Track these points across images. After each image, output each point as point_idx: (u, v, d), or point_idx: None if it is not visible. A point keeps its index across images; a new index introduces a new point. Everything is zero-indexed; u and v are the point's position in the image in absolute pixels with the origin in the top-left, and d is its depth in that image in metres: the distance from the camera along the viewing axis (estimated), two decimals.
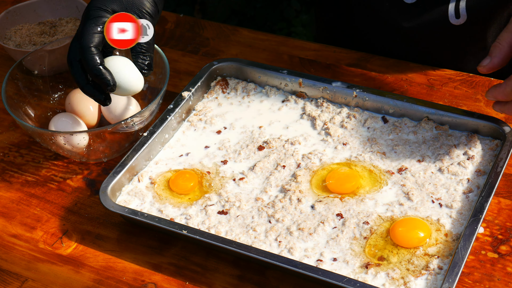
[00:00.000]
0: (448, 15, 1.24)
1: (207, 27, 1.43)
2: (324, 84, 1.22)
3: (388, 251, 1.01)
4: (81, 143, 1.14)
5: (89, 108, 1.21)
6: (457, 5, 1.23)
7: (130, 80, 1.07)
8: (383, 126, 1.18)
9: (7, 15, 1.39)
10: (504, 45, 1.02)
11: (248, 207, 1.08)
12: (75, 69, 1.06)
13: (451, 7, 1.24)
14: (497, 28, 1.26)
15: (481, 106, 1.21)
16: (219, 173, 1.14)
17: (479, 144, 1.13)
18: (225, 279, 1.02)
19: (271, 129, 1.20)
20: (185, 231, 1.03)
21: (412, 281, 0.97)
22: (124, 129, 1.14)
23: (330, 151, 1.15)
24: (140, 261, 1.05)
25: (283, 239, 1.04)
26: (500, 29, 1.26)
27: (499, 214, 1.06)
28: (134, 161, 1.13)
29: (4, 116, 1.29)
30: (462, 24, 1.24)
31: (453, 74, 1.27)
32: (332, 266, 1.00)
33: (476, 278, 0.99)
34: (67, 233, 1.10)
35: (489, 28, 1.26)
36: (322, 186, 1.10)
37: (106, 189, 1.09)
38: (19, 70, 1.22)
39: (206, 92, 1.26)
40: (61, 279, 1.05)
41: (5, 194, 1.16)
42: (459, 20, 1.24)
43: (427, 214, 1.05)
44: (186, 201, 1.10)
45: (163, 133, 1.18)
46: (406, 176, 1.10)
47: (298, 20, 2.52)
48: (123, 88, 1.07)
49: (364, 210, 1.06)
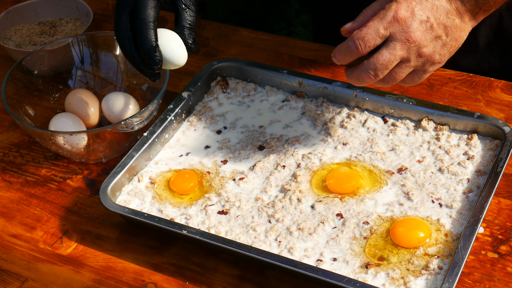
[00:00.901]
0: None
1: (207, 27, 1.43)
2: (324, 84, 1.22)
3: (388, 251, 1.01)
4: (81, 143, 1.14)
5: (89, 108, 1.21)
6: None
7: (177, 54, 1.05)
8: (383, 126, 1.18)
9: (7, 15, 1.39)
10: (369, 14, 1.01)
11: (248, 207, 1.08)
12: (127, 43, 1.02)
13: None
14: (487, 27, 1.26)
15: (481, 106, 1.21)
16: (219, 173, 1.14)
17: (479, 144, 1.13)
18: (225, 279, 1.02)
19: (271, 129, 1.20)
20: (185, 231, 1.03)
21: (412, 281, 0.97)
22: (124, 129, 1.14)
23: (330, 151, 1.15)
24: (140, 261, 1.05)
25: (283, 239, 1.04)
26: (490, 28, 1.26)
27: (499, 214, 1.06)
28: (134, 161, 1.13)
29: (4, 116, 1.29)
30: None
31: (453, 74, 1.27)
32: (332, 266, 1.00)
33: (476, 278, 0.99)
34: (67, 233, 1.10)
35: (479, 26, 1.25)
36: (322, 186, 1.10)
37: (106, 189, 1.09)
38: (19, 70, 1.22)
39: (206, 92, 1.26)
40: (61, 279, 1.05)
41: (5, 194, 1.16)
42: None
43: (427, 214, 1.05)
44: (186, 201, 1.10)
45: (163, 133, 1.18)
46: (406, 176, 1.10)
47: (298, 20, 2.51)
48: (169, 60, 1.05)
49: (364, 210, 1.06)
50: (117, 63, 1.28)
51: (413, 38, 0.98)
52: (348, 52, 1.00)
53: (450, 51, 1.02)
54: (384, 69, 0.99)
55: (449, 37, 1.00)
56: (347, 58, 1.01)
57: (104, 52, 1.28)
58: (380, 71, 0.99)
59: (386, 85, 1.03)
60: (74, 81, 1.28)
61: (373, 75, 1.00)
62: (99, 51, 1.28)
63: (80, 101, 1.21)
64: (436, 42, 0.99)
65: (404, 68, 1.01)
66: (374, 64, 0.99)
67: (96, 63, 1.29)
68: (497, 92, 1.23)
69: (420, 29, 0.98)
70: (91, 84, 1.29)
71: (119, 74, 1.28)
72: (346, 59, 1.01)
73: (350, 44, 0.99)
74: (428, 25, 0.98)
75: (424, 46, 0.99)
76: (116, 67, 1.28)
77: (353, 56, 1.00)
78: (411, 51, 0.99)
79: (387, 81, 1.02)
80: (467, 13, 1.01)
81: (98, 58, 1.28)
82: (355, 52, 0.99)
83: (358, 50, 0.99)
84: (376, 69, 0.99)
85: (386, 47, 0.99)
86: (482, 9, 1.02)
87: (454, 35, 1.01)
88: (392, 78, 1.01)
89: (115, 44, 1.27)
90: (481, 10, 1.01)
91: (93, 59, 1.28)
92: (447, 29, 0.99)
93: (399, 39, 0.98)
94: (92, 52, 1.28)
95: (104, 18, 1.48)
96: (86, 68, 1.28)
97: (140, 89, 1.27)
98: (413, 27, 0.98)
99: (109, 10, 1.50)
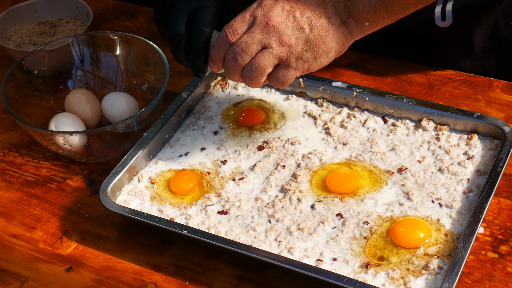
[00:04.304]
0: (434, 17, 1.24)
1: None
2: (324, 84, 1.22)
3: (388, 251, 1.01)
4: (81, 143, 1.14)
5: (89, 108, 1.21)
6: (444, 8, 1.23)
7: None
8: (383, 126, 1.18)
9: (7, 15, 1.39)
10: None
11: (248, 207, 1.08)
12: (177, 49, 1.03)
13: (437, 10, 1.23)
14: (482, 32, 1.26)
15: (481, 106, 1.21)
16: (219, 173, 1.14)
17: (479, 144, 1.13)
18: (225, 279, 1.02)
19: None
20: (185, 231, 1.03)
21: (412, 281, 0.97)
22: (124, 129, 1.14)
23: (330, 151, 1.15)
24: (140, 261, 1.05)
25: (283, 239, 1.04)
26: (486, 33, 1.26)
27: (499, 214, 1.06)
28: (134, 161, 1.13)
29: (4, 116, 1.29)
30: (448, 26, 1.24)
31: (453, 74, 1.27)
32: (332, 266, 1.00)
33: (476, 278, 0.99)
34: (67, 233, 1.10)
35: (474, 32, 1.25)
36: (322, 186, 1.10)
37: (106, 189, 1.09)
38: (19, 70, 1.22)
39: (206, 92, 1.26)
40: (61, 279, 1.05)
41: (5, 194, 1.16)
42: (445, 22, 1.23)
43: (427, 214, 1.05)
44: (186, 201, 1.10)
45: (163, 133, 1.18)
46: (406, 176, 1.10)
47: None
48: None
49: (364, 210, 1.06)
50: (117, 63, 1.28)
51: (272, 23, 0.97)
52: (221, 43, 1.00)
53: (314, 52, 1.00)
54: (242, 52, 0.99)
55: (313, 34, 0.99)
56: (220, 50, 1.01)
57: (104, 52, 1.28)
58: (239, 54, 0.99)
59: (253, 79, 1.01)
60: (74, 81, 1.28)
61: (232, 58, 1.00)
62: (99, 51, 1.28)
63: (80, 101, 1.21)
64: (299, 33, 0.98)
65: (267, 55, 0.99)
66: (234, 48, 0.99)
67: (96, 63, 1.29)
68: (497, 92, 1.23)
69: (281, 15, 0.97)
70: (91, 84, 1.29)
71: (119, 74, 1.28)
72: (220, 52, 1.01)
73: (221, 35, 1.00)
74: (291, 13, 0.97)
75: (286, 35, 0.97)
76: (116, 67, 1.28)
77: (225, 46, 1.00)
78: (271, 37, 0.98)
79: (251, 70, 1.00)
80: (336, 16, 0.99)
81: (98, 58, 1.28)
82: (226, 41, 1.00)
83: (228, 38, 0.99)
84: (235, 52, 0.99)
85: (247, 32, 0.99)
86: (352, 16, 1.00)
87: (318, 32, 0.99)
88: (256, 66, 1.00)
89: (115, 44, 1.27)
90: (350, 17, 1.00)
91: (93, 59, 1.28)
92: (311, 24, 0.98)
93: (259, 23, 0.98)
94: (92, 52, 1.28)
95: (104, 18, 1.48)
96: (86, 68, 1.29)
97: (140, 89, 1.27)
98: (274, 12, 0.97)
99: (109, 10, 1.50)
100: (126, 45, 1.27)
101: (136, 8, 1.50)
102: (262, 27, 0.98)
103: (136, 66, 1.27)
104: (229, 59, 1.01)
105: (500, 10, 1.24)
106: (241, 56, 0.99)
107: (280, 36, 0.98)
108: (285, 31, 0.97)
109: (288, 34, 0.98)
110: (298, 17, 0.97)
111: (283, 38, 0.98)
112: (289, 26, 0.97)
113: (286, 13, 0.97)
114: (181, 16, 1.02)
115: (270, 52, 0.99)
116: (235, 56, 1.00)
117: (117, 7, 1.51)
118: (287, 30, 0.97)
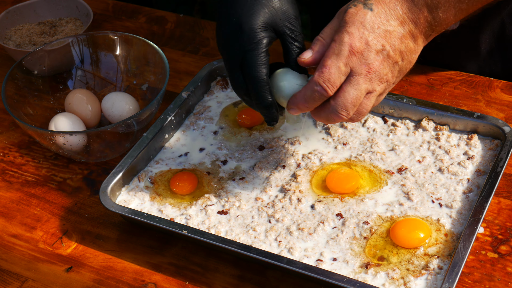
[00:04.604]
0: None
1: (207, 27, 1.43)
2: None
3: (388, 251, 1.01)
4: (81, 143, 1.14)
5: (89, 108, 1.21)
6: None
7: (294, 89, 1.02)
8: (383, 126, 1.18)
9: (7, 15, 1.39)
10: (327, 41, 1.00)
11: (248, 207, 1.08)
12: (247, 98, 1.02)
13: None
14: (489, 34, 1.26)
15: (481, 106, 1.21)
16: (219, 173, 1.14)
17: (479, 144, 1.13)
18: (225, 279, 1.02)
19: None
20: (185, 231, 1.03)
21: (412, 281, 0.97)
22: (124, 129, 1.14)
23: (330, 151, 1.15)
24: (140, 261, 1.05)
25: (283, 239, 1.04)
26: (492, 34, 1.26)
27: (499, 214, 1.06)
28: (134, 161, 1.13)
29: (4, 116, 1.29)
30: (455, 29, 1.24)
31: (453, 74, 1.27)
32: (332, 266, 1.00)
33: (476, 278, 0.99)
34: (67, 233, 1.10)
35: (482, 34, 1.25)
36: (322, 186, 1.10)
37: (106, 189, 1.09)
38: (19, 70, 1.22)
39: (206, 92, 1.26)
40: (61, 279, 1.05)
41: (5, 194, 1.16)
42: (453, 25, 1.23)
43: (427, 214, 1.05)
44: (186, 201, 1.10)
45: (163, 133, 1.18)
46: (406, 176, 1.10)
47: None
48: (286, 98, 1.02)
49: (364, 210, 1.06)
50: (117, 63, 1.28)
51: (372, 70, 0.97)
52: (317, 97, 0.98)
53: (403, 73, 1.02)
54: (354, 106, 0.98)
55: (405, 61, 1.00)
56: (315, 103, 0.99)
57: (104, 52, 1.28)
58: (351, 109, 0.98)
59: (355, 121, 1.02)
60: (74, 81, 1.28)
61: (345, 115, 0.98)
62: (99, 51, 1.28)
63: (80, 101, 1.21)
64: (394, 67, 0.99)
65: (371, 99, 1.00)
66: (344, 104, 0.97)
67: (96, 63, 1.29)
68: (497, 92, 1.23)
69: (377, 59, 0.97)
70: (91, 84, 1.29)
71: (119, 74, 1.28)
72: (314, 105, 0.99)
73: (317, 89, 0.97)
74: (385, 53, 0.97)
75: (384, 74, 0.98)
76: (116, 67, 1.28)
77: (322, 100, 0.98)
78: (373, 81, 0.98)
79: (358, 116, 1.01)
80: (421, 36, 1.00)
81: (98, 58, 1.28)
82: (324, 95, 0.98)
83: (327, 93, 0.97)
84: (347, 108, 0.98)
85: (349, 84, 0.97)
86: (435, 31, 1.01)
87: (409, 58, 1.00)
88: (361, 111, 1.00)
89: (115, 44, 1.27)
90: (434, 32, 1.01)
91: (93, 59, 1.28)
92: (402, 54, 0.99)
93: (360, 72, 0.97)
94: (92, 52, 1.28)
95: (104, 18, 1.48)
96: (86, 68, 1.28)
97: (140, 89, 1.27)
98: (370, 57, 0.96)
99: (109, 10, 1.50)
100: (126, 45, 1.27)
101: (136, 8, 1.50)
102: (364, 76, 0.97)
103: (136, 66, 1.27)
104: (339, 116, 0.99)
105: (507, 11, 1.24)
106: (353, 110, 0.99)
107: (380, 77, 0.98)
108: (384, 71, 0.98)
109: (387, 73, 0.98)
110: (392, 54, 0.98)
111: (383, 78, 0.98)
112: (386, 66, 0.98)
113: (380, 54, 0.97)
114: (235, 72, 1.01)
115: (374, 94, 0.99)
116: (348, 113, 0.98)
117: (117, 7, 1.51)
118: (385, 70, 0.98)
